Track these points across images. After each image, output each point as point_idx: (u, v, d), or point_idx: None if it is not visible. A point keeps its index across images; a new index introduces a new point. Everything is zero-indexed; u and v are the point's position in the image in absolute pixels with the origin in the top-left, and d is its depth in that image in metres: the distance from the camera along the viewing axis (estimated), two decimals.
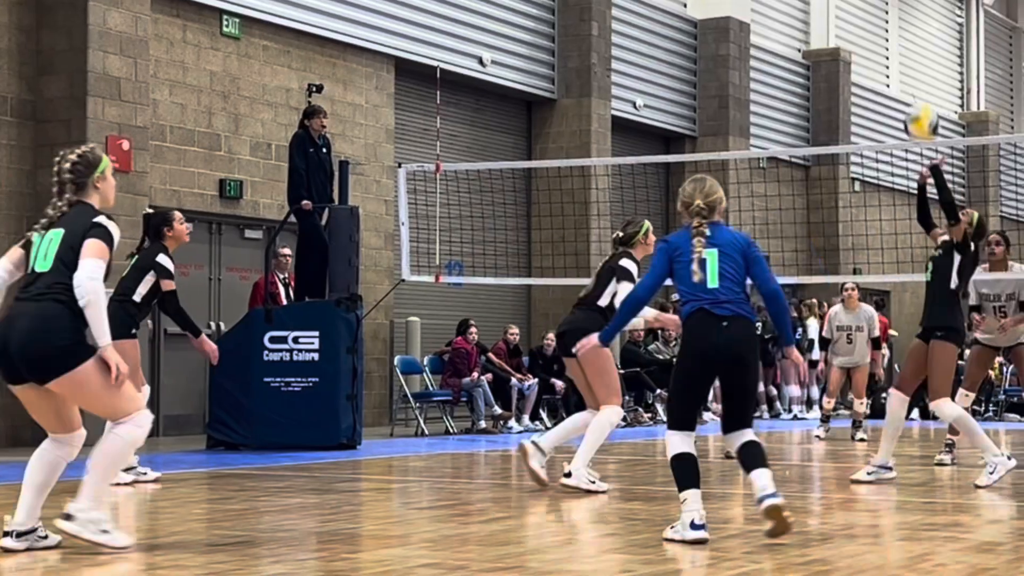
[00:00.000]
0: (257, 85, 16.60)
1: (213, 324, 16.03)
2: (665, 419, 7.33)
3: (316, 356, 13.44)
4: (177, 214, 10.10)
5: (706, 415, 17.84)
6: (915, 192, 10.38)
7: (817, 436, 15.81)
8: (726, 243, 6.89)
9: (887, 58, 31.12)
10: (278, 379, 13.47)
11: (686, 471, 6.77)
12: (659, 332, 19.86)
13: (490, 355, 17.68)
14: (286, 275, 14.83)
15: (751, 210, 22.55)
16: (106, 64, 14.19)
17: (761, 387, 20.60)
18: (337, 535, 7.25)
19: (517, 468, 10.47)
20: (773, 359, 21.39)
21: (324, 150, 14.31)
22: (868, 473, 10.09)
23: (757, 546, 6.78)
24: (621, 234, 9.56)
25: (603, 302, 9.30)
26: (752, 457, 6.80)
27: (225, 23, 16.22)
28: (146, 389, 9.79)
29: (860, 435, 15.27)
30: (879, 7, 30.79)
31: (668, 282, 7.14)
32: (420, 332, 18.34)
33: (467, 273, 17.41)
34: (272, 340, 13.53)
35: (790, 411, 21.77)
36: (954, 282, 9.81)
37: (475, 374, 17.00)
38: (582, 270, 17.71)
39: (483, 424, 16.91)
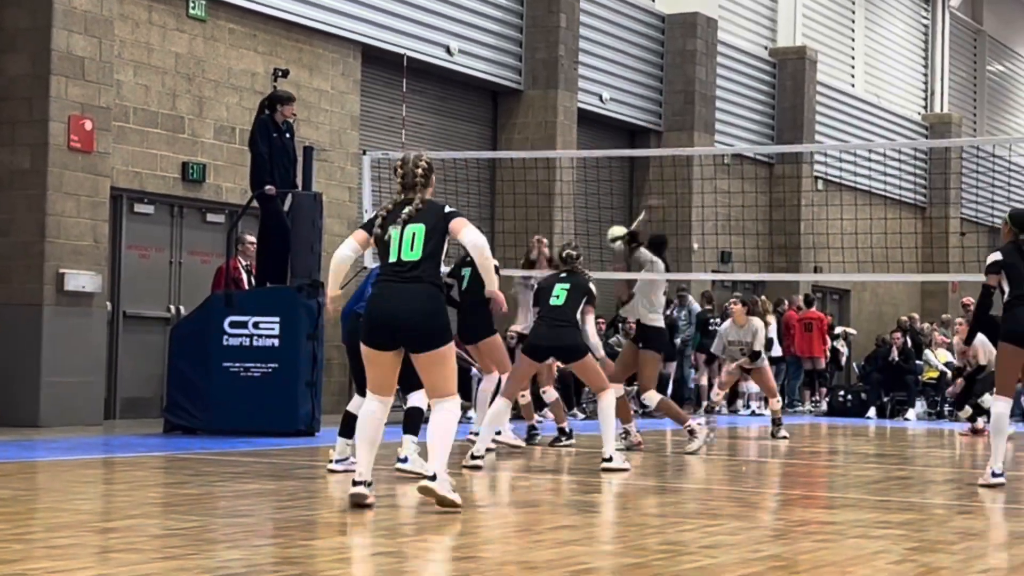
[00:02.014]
0: (222, 68, 16.51)
1: (173, 307, 15.95)
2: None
3: (276, 342, 13.36)
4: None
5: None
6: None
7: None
8: None
9: (853, 58, 31.26)
10: (237, 364, 13.39)
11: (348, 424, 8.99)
12: (619, 325, 19.85)
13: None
14: (249, 262, 14.76)
15: (714, 206, 22.61)
16: (70, 43, 14.08)
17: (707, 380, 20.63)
18: (294, 522, 7.23)
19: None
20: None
21: (288, 135, 14.25)
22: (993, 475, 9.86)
23: (714, 540, 6.81)
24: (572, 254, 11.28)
25: None
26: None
27: (191, 5, 16.11)
28: None
29: (783, 433, 15.15)
30: (846, 7, 30.92)
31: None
32: None
33: None
34: (232, 325, 13.44)
35: (748, 407, 21.86)
36: (1005, 286, 9.80)
37: None
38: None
39: None
